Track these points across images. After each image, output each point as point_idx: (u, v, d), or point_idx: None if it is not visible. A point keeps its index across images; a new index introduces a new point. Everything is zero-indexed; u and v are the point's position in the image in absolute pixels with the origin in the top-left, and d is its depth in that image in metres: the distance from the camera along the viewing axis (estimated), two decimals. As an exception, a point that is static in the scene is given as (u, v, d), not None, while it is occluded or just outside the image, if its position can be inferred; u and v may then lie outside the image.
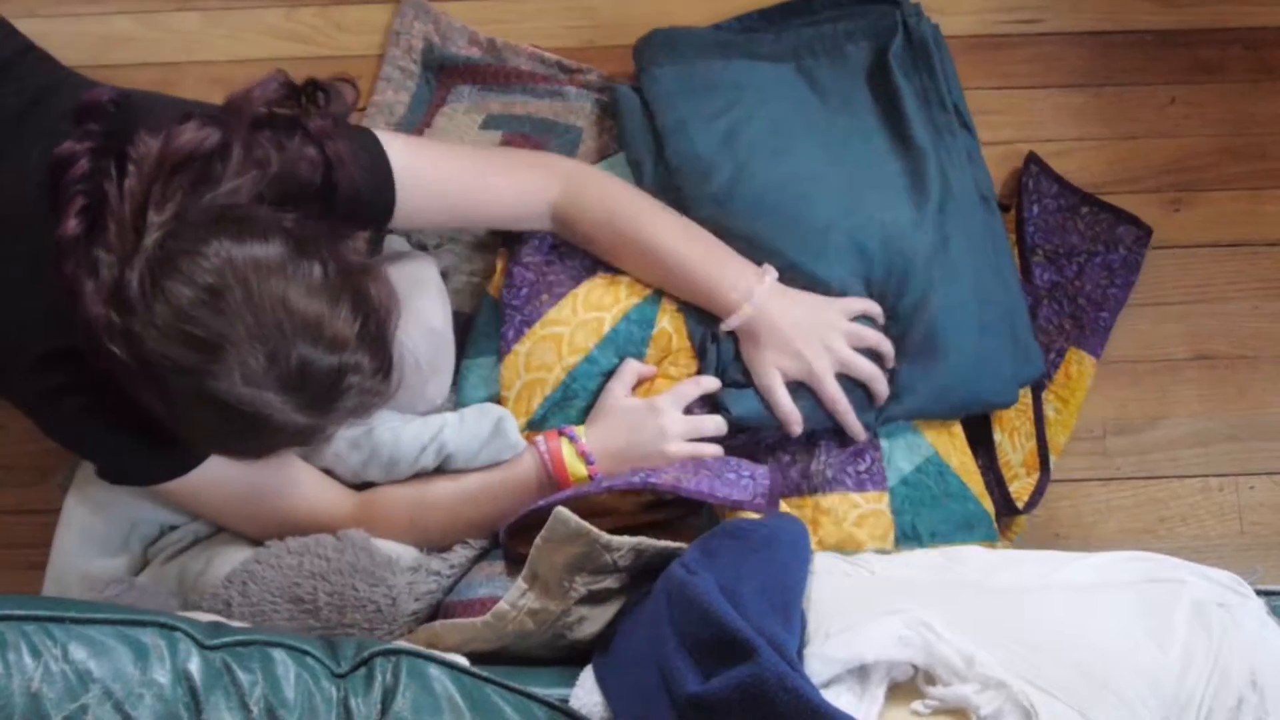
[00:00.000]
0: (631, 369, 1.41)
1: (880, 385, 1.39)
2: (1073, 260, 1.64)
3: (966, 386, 1.43)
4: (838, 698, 1.03)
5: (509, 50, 1.69)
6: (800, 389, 1.39)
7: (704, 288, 1.39)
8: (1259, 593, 1.15)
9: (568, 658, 1.24)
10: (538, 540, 1.19)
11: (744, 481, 1.33)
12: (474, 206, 1.39)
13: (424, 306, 1.41)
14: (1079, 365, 1.61)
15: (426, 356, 1.40)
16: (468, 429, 1.38)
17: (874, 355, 1.40)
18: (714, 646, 1.03)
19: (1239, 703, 1.01)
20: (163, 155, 1.11)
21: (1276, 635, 1.08)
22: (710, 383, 1.40)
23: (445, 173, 1.35)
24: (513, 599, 1.21)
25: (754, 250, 1.43)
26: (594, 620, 1.24)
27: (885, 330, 1.42)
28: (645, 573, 1.22)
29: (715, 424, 1.39)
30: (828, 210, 1.45)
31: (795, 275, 1.42)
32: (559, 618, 1.21)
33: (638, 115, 1.57)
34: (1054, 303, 1.63)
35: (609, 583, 1.22)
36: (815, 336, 1.38)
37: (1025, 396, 1.56)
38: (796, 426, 1.38)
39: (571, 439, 1.37)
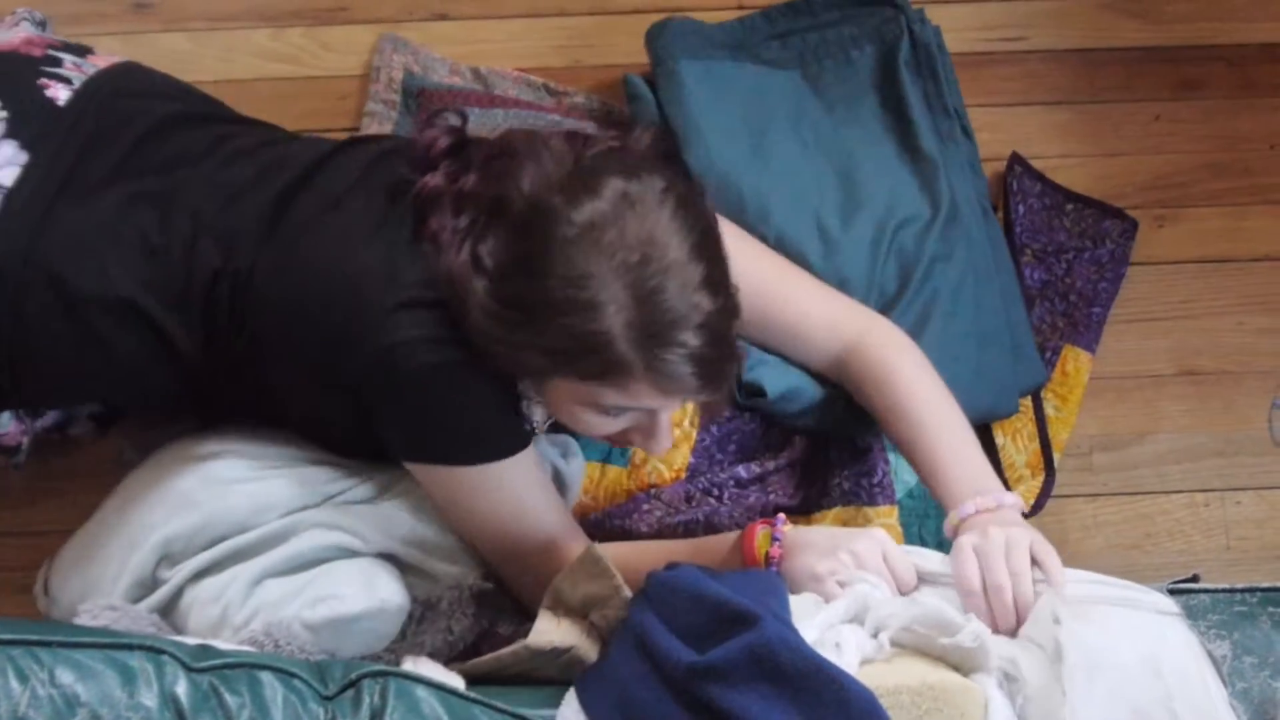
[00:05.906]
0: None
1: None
2: (1061, 258, 1.65)
3: (966, 398, 1.43)
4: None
5: (494, 76, 1.70)
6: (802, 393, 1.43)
7: (943, 480, 1.30)
8: (1172, 592, 1.15)
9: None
10: (563, 570, 1.20)
11: None
12: (775, 314, 1.40)
13: None
14: (1075, 362, 1.61)
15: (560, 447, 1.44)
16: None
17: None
18: (709, 626, 1.06)
19: None
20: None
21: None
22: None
23: (762, 268, 1.37)
24: (542, 631, 1.18)
25: None
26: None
27: None
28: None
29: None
30: (839, 218, 1.50)
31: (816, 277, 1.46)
32: (581, 660, 1.20)
33: (651, 106, 1.60)
34: (1046, 301, 1.63)
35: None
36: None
37: (1025, 399, 1.57)
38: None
39: (774, 524, 1.28)
